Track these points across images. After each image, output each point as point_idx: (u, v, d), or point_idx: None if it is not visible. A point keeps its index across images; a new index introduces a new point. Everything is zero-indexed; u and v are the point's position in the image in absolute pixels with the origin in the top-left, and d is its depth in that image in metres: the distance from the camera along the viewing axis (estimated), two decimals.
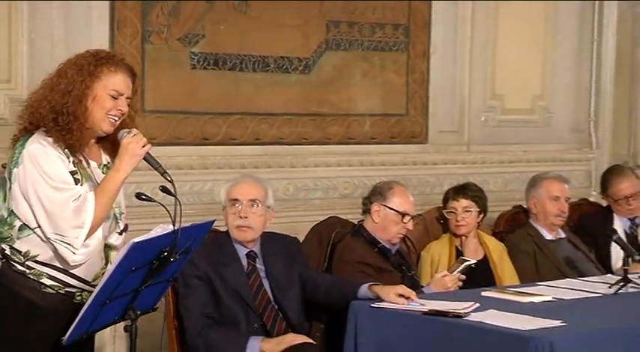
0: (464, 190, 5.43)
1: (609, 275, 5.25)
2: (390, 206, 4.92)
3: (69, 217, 3.38)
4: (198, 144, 5.65)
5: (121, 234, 3.67)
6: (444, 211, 5.44)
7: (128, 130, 3.52)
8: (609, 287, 4.66)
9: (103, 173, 3.60)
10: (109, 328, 3.79)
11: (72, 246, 3.40)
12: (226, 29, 5.68)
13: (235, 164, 5.63)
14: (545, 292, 4.58)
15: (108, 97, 3.50)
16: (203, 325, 4.28)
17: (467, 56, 6.57)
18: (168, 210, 3.49)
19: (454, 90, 6.55)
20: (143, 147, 3.51)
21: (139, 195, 3.75)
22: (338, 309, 4.40)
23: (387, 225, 4.93)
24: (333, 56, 6.06)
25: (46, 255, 3.47)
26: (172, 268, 3.58)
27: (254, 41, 5.77)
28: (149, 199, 3.68)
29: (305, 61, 5.95)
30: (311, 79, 5.98)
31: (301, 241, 4.91)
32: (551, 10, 6.89)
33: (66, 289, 3.50)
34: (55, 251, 3.44)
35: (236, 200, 4.45)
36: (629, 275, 4.72)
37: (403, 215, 4.92)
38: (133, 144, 3.49)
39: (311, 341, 4.31)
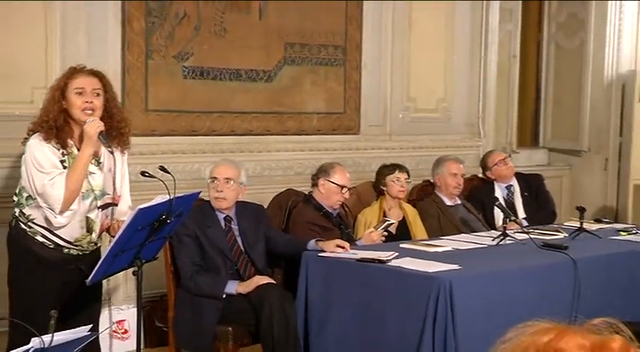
0: (404, 168, 5.39)
1: (493, 231, 5.26)
2: (332, 180, 4.90)
3: (48, 191, 3.41)
4: (188, 135, 5.61)
5: (100, 209, 3.62)
6: (388, 178, 5.30)
7: (90, 119, 3.50)
8: (493, 240, 4.69)
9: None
10: (121, 273, 3.76)
11: (54, 212, 3.44)
12: (209, 49, 5.64)
13: (216, 150, 5.59)
14: (446, 244, 4.60)
15: (75, 95, 3.52)
16: (193, 271, 4.26)
17: (388, 70, 6.57)
18: (165, 184, 3.47)
19: (379, 95, 6.54)
20: (96, 129, 3.47)
21: (143, 173, 3.72)
22: (293, 258, 4.39)
23: (330, 195, 4.91)
24: (290, 69, 6.02)
25: (39, 218, 3.51)
26: (169, 228, 3.57)
27: (230, 58, 5.73)
28: (151, 176, 3.65)
29: (268, 73, 5.91)
30: (273, 86, 5.95)
31: (265, 207, 4.89)
32: (450, 36, 6.91)
33: (54, 245, 3.52)
34: (45, 215, 3.47)
35: (215, 178, 4.42)
36: (507, 231, 4.75)
37: (342, 187, 4.91)
38: (89, 128, 3.47)
39: (273, 281, 4.31)
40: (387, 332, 3.88)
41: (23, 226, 3.55)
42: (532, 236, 4.68)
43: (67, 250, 3.58)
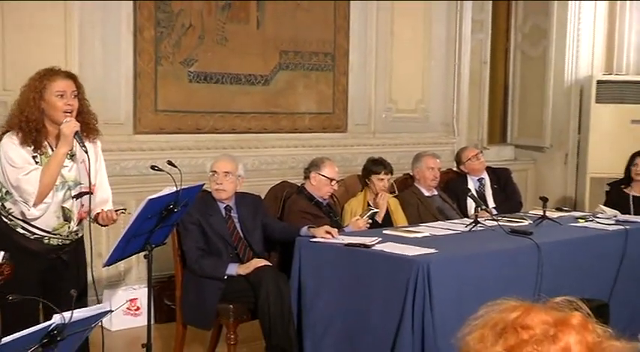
0: (389, 167, 5.31)
1: (466, 219, 5.26)
2: (323, 173, 4.89)
3: (23, 186, 3.27)
4: (193, 133, 5.60)
5: (74, 198, 3.45)
6: (373, 177, 5.24)
7: (67, 119, 3.33)
8: (466, 227, 4.68)
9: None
10: (134, 256, 3.74)
11: (27, 204, 3.29)
12: (212, 56, 5.64)
13: (219, 146, 5.58)
14: (424, 230, 4.59)
15: (56, 98, 3.33)
16: (197, 255, 4.24)
17: (372, 75, 6.57)
18: (172, 177, 3.44)
19: (364, 97, 6.55)
20: (72, 129, 3.32)
21: (152, 167, 3.70)
22: (288, 243, 4.37)
23: (321, 187, 4.90)
24: (284, 74, 6.02)
25: (17, 212, 3.36)
26: (176, 216, 3.54)
27: (231, 64, 5.73)
28: (160, 170, 3.62)
29: (265, 77, 5.91)
30: (269, 89, 5.95)
31: (262, 198, 4.88)
32: (427, 44, 6.92)
33: (35, 236, 3.36)
34: (19, 208, 3.33)
35: (215, 171, 4.39)
36: (479, 219, 4.74)
37: (331, 180, 4.90)
38: (65, 128, 3.31)
39: (270, 264, 4.30)
40: (372, 309, 3.88)
41: (4, 219, 3.38)
42: (500, 223, 4.67)
43: (47, 240, 3.41)
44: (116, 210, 3.55)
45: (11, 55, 4.78)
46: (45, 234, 3.40)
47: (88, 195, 3.47)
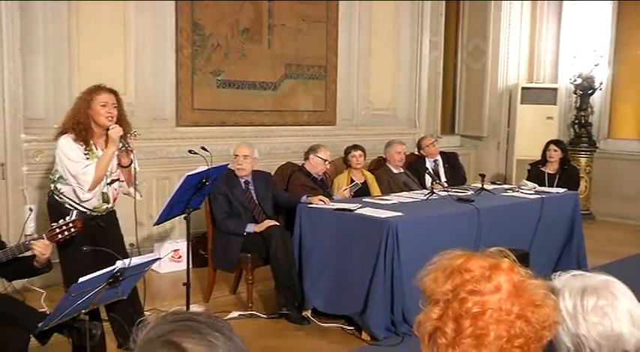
0: (359, 147, 5.36)
1: (424, 190, 5.26)
2: (319, 156, 4.88)
3: (80, 176, 3.21)
4: (221, 126, 5.56)
5: (109, 185, 3.36)
6: (349, 156, 5.30)
7: (112, 126, 3.26)
8: (424, 196, 4.69)
9: None
10: (177, 217, 3.73)
11: (84, 189, 3.23)
12: (235, 67, 5.59)
13: (240, 136, 5.53)
14: (393, 199, 4.60)
15: (100, 107, 3.25)
16: (224, 217, 4.23)
17: (355, 82, 6.55)
18: (205, 159, 3.43)
19: (349, 99, 6.51)
20: (118, 134, 3.24)
21: (190, 151, 3.68)
22: (291, 208, 4.37)
23: (317, 166, 4.89)
24: (289, 81, 5.97)
25: (67, 191, 3.26)
26: (207, 188, 3.54)
27: (248, 74, 5.68)
28: (196, 153, 3.61)
29: (274, 84, 5.87)
30: (277, 93, 5.91)
31: (272, 174, 4.86)
32: (396, 60, 6.87)
33: (79, 210, 3.19)
34: (75, 192, 3.26)
35: (237, 155, 4.38)
36: (434, 190, 4.75)
37: (325, 161, 4.89)
38: (112, 133, 3.24)
39: (278, 224, 4.29)
40: (354, 258, 3.89)
41: (56, 197, 3.30)
42: (450, 193, 4.69)
43: (89, 213, 3.30)
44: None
45: (85, 68, 4.74)
46: (87, 210, 3.29)
47: (118, 182, 3.38)
